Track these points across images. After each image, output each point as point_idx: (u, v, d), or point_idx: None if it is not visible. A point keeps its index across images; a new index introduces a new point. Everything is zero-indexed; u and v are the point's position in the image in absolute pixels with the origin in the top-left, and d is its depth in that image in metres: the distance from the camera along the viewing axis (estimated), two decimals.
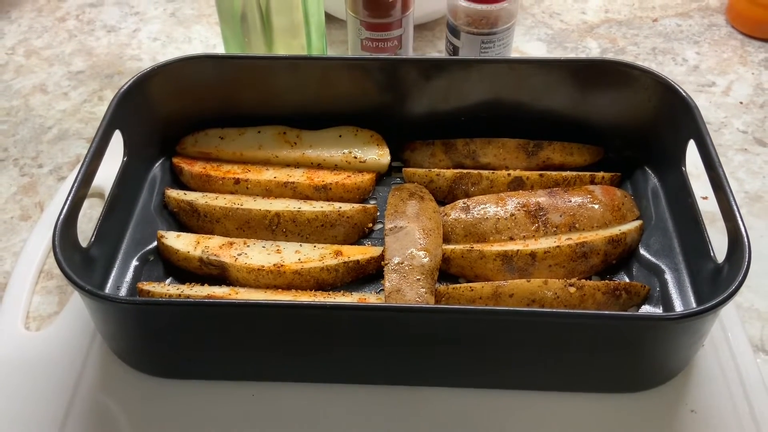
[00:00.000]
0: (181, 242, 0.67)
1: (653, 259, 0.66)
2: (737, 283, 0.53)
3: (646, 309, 0.64)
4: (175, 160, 0.75)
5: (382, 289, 0.64)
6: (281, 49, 0.85)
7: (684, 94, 0.68)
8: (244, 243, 0.67)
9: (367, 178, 0.74)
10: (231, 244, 0.67)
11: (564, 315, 0.54)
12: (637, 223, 0.69)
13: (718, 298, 0.53)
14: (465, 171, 0.73)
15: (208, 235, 0.69)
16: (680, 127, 0.68)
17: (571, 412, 0.59)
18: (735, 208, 0.58)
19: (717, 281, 0.60)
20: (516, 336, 0.56)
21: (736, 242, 0.57)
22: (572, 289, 0.61)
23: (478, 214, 0.68)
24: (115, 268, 0.66)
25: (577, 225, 0.67)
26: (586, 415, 0.59)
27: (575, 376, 0.59)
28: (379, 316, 0.55)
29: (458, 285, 0.63)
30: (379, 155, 0.75)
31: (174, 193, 0.72)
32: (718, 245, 0.62)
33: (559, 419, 0.59)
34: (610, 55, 0.98)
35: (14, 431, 0.59)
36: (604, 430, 0.58)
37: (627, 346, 0.56)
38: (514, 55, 0.95)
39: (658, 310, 0.63)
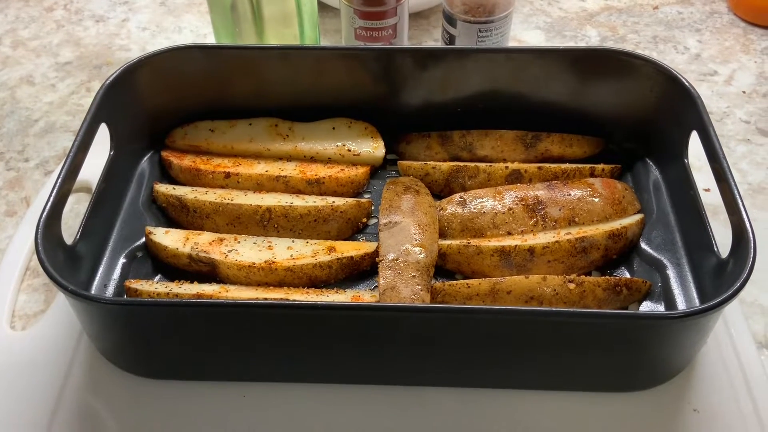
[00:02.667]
0: (169, 239, 0.65)
1: (655, 254, 0.65)
2: (742, 280, 0.52)
3: (647, 305, 0.62)
4: (164, 154, 0.74)
5: (377, 286, 0.63)
6: (273, 39, 0.83)
7: (687, 84, 0.66)
8: (235, 239, 0.65)
9: (361, 171, 0.72)
10: (221, 240, 0.65)
11: (564, 314, 0.52)
12: (638, 216, 0.67)
13: (723, 296, 0.51)
14: (462, 164, 0.71)
15: (198, 231, 0.67)
16: (683, 118, 0.67)
17: (572, 411, 0.58)
18: (740, 201, 0.57)
19: (721, 276, 0.58)
20: (515, 335, 0.54)
21: (741, 237, 0.55)
22: (572, 286, 0.60)
23: (475, 209, 0.67)
24: (102, 266, 0.65)
25: (576, 219, 0.66)
26: (587, 414, 0.57)
27: (576, 375, 0.58)
28: (374, 316, 0.54)
29: (455, 281, 0.62)
30: (373, 148, 0.73)
31: (162, 188, 0.70)
32: (721, 239, 0.60)
33: (560, 419, 0.57)
34: (610, 44, 0.96)
35: None
36: (605, 430, 0.57)
37: (629, 344, 0.54)
38: (511, 44, 0.93)
39: (660, 307, 0.62)
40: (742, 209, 0.56)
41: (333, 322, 0.54)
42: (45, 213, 0.56)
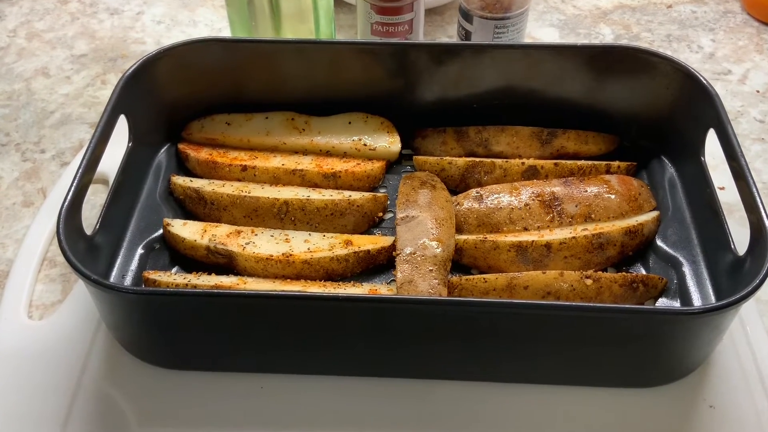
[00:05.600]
0: (187, 230, 0.66)
1: (670, 251, 0.65)
2: (761, 277, 0.52)
3: (663, 302, 0.63)
4: (181, 146, 0.74)
5: (393, 280, 0.63)
6: (289, 34, 0.83)
7: (704, 82, 0.66)
8: (252, 232, 0.66)
9: (377, 166, 0.72)
10: (238, 232, 0.65)
11: (583, 309, 0.53)
12: (654, 213, 0.67)
13: (741, 293, 0.51)
14: (478, 159, 0.71)
15: (215, 224, 0.67)
16: (700, 115, 0.67)
17: (588, 407, 0.58)
18: (758, 199, 0.57)
19: (737, 274, 0.58)
20: (532, 329, 0.54)
21: (760, 234, 0.55)
22: (589, 281, 0.60)
23: (491, 204, 0.67)
24: (120, 257, 0.65)
25: (593, 215, 0.66)
26: (603, 410, 0.58)
27: (592, 371, 0.58)
28: (392, 308, 0.54)
29: (471, 276, 0.62)
30: (389, 143, 0.73)
31: (180, 180, 0.70)
32: (736, 237, 0.60)
33: (575, 415, 0.58)
34: (624, 42, 0.96)
35: (17, 423, 0.58)
36: (621, 426, 0.57)
37: (645, 340, 0.55)
38: (526, 41, 0.93)
39: (676, 303, 0.62)
40: (761, 207, 0.56)
41: (352, 314, 0.55)
42: (66, 203, 0.56)
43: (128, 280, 0.64)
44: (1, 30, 0.99)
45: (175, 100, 0.73)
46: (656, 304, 0.62)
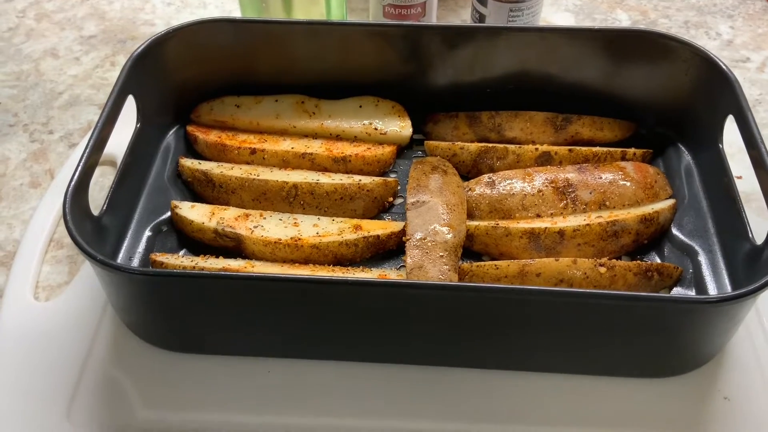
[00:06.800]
0: (195, 213, 0.65)
1: (686, 240, 0.64)
2: None
3: (677, 291, 0.61)
4: (190, 129, 0.73)
5: (403, 266, 0.62)
6: (300, 16, 0.82)
7: (725, 68, 0.65)
8: (261, 215, 0.65)
9: (387, 150, 0.71)
10: (247, 215, 0.65)
11: (596, 296, 0.52)
12: (670, 201, 0.66)
13: (759, 282, 0.50)
14: (490, 145, 0.70)
15: (224, 206, 0.66)
16: (719, 102, 0.65)
17: (599, 397, 0.57)
18: None
19: (755, 264, 0.57)
20: (543, 317, 0.53)
21: None
22: (602, 269, 0.59)
23: (504, 190, 0.66)
24: (127, 238, 0.64)
25: (607, 203, 0.65)
26: (615, 400, 0.57)
27: (605, 360, 0.57)
28: (402, 293, 0.53)
29: (483, 263, 0.61)
30: (400, 127, 0.72)
31: (188, 163, 0.70)
32: (754, 227, 0.59)
33: (587, 405, 0.56)
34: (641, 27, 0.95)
35: (21, 405, 0.57)
36: (634, 417, 0.56)
37: (660, 329, 0.53)
38: (541, 25, 0.92)
39: (691, 293, 0.61)
40: None
41: (360, 299, 0.54)
42: (73, 183, 0.56)
43: (135, 262, 0.63)
44: (11, 10, 0.98)
45: (184, 82, 0.72)
46: (671, 294, 0.61)
